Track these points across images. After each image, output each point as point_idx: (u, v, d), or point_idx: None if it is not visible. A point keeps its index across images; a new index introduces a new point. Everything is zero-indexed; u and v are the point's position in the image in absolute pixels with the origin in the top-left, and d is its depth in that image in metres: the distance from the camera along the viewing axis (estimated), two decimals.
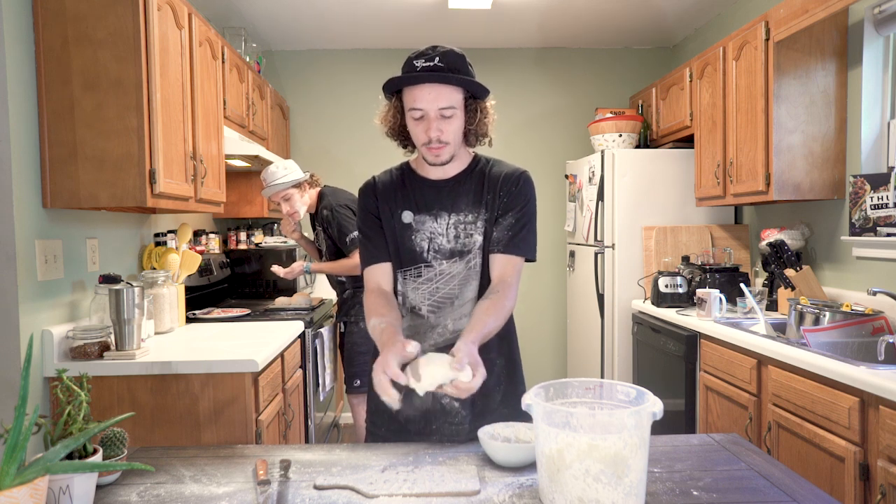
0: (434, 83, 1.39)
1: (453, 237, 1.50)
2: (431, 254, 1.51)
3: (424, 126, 1.42)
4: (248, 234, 4.01)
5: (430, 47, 1.43)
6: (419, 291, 1.53)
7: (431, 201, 1.52)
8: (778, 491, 1.12)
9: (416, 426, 1.53)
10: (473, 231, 1.50)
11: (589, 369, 3.94)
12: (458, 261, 1.51)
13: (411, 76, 1.41)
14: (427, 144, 1.43)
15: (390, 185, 1.56)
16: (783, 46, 2.65)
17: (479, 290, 1.53)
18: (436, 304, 1.53)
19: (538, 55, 4.48)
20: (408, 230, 1.52)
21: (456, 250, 1.50)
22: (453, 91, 1.41)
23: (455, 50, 1.43)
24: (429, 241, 1.51)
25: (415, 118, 1.43)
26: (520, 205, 1.52)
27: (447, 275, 1.51)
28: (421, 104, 1.41)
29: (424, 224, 1.51)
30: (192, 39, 2.44)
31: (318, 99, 4.43)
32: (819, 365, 1.93)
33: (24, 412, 0.93)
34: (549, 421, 1.05)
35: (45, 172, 2.00)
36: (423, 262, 1.52)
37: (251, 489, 1.15)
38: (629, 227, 3.57)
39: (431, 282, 1.52)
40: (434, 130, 1.41)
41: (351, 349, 3.03)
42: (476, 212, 1.51)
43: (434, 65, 1.40)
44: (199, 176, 2.46)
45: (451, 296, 1.52)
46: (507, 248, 1.49)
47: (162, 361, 2.01)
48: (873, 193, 2.45)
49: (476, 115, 1.47)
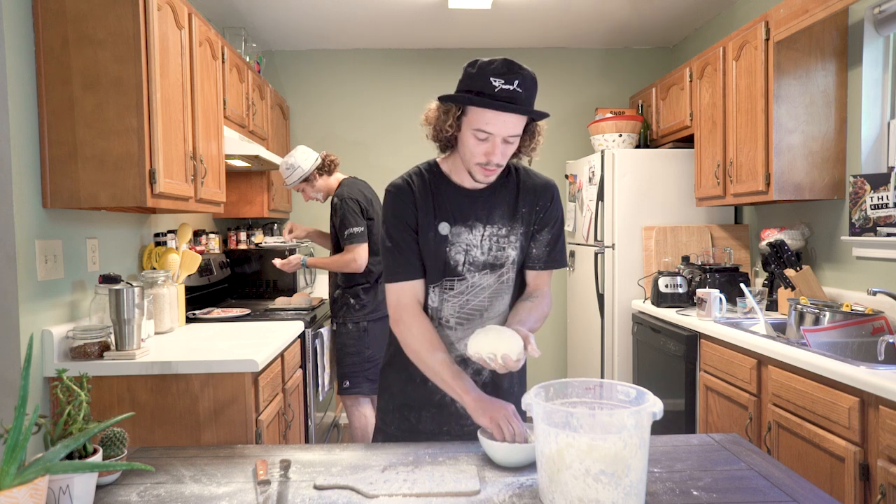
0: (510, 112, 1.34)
1: (487, 250, 1.48)
2: (466, 266, 1.48)
3: (487, 149, 1.37)
4: (248, 234, 4.01)
5: (505, 63, 1.34)
6: (449, 304, 1.50)
7: (467, 212, 1.47)
8: (778, 491, 1.12)
9: (427, 426, 1.53)
10: (507, 245, 1.49)
11: (589, 369, 3.94)
12: (490, 273, 1.49)
13: (492, 103, 1.33)
14: (484, 165, 1.39)
15: (425, 191, 1.48)
16: (783, 46, 2.65)
17: (510, 304, 1.54)
18: (465, 316, 1.51)
19: (538, 55, 4.48)
20: (444, 242, 1.46)
21: (489, 263, 1.49)
22: (522, 119, 1.38)
23: (532, 74, 1.37)
24: (465, 253, 1.47)
25: (479, 138, 1.37)
26: (553, 220, 1.54)
27: (478, 287, 1.49)
28: (492, 129, 1.35)
29: (461, 236, 1.47)
30: (192, 39, 2.44)
31: (318, 99, 4.44)
32: (819, 365, 1.93)
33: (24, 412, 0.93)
34: (549, 421, 1.05)
35: (45, 172, 2.00)
36: (457, 276, 1.48)
37: (251, 489, 1.15)
38: (629, 227, 3.57)
39: (462, 294, 1.49)
40: (498, 156, 1.38)
41: (340, 350, 3.03)
42: (510, 225, 1.49)
43: (513, 89, 1.32)
44: (199, 176, 2.46)
45: (480, 308, 1.51)
46: (546, 265, 1.54)
47: (162, 361, 2.01)
48: (873, 193, 2.45)
49: (533, 139, 1.45)
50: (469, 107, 1.37)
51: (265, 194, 3.73)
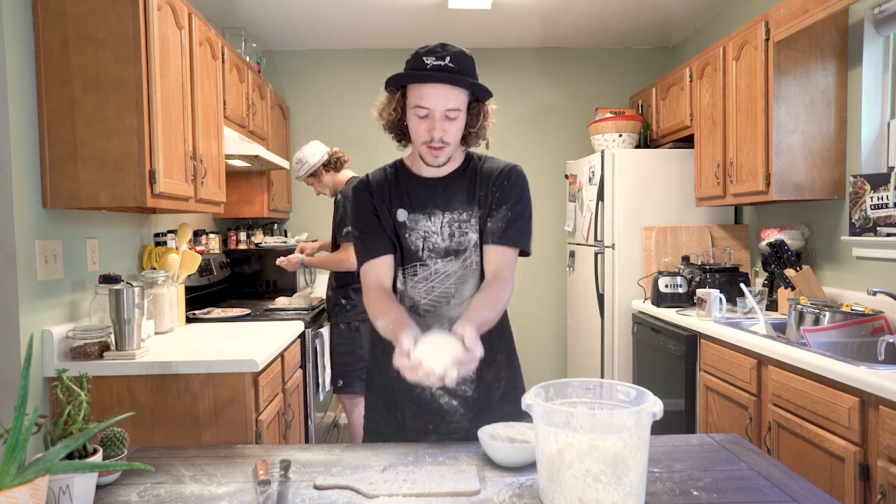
0: (443, 84, 1.38)
1: (448, 235, 1.50)
2: (426, 252, 1.51)
3: (428, 125, 1.41)
4: (248, 234, 4.01)
5: (439, 44, 1.41)
6: (416, 290, 1.53)
7: (425, 199, 1.51)
8: (778, 491, 1.12)
9: (414, 424, 1.53)
10: (468, 229, 1.50)
11: (589, 369, 3.94)
12: (454, 259, 1.51)
13: (422, 74, 1.38)
14: (428, 143, 1.42)
15: (384, 182, 1.55)
16: (783, 46, 2.65)
17: (477, 287, 1.53)
18: (432, 302, 1.53)
19: (538, 55, 4.48)
20: (403, 228, 1.51)
21: (451, 249, 1.50)
22: (460, 93, 1.41)
23: (465, 51, 1.42)
24: (423, 239, 1.50)
25: (419, 116, 1.41)
26: (513, 198, 1.50)
27: (442, 273, 1.51)
28: (428, 103, 1.39)
29: (418, 223, 1.51)
30: (192, 39, 2.44)
31: (318, 99, 4.44)
32: (819, 365, 1.93)
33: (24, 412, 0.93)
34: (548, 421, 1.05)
35: (45, 172, 2.00)
36: (419, 261, 1.51)
37: (251, 489, 1.15)
38: (629, 227, 3.57)
39: (427, 280, 1.52)
40: (438, 130, 1.40)
41: (334, 350, 3.05)
42: (469, 210, 1.50)
43: (445, 64, 1.37)
44: (199, 176, 2.46)
45: (447, 294, 1.52)
46: (500, 239, 1.48)
47: (162, 361, 2.01)
48: (873, 193, 2.45)
49: (478, 118, 1.47)
50: (409, 88, 1.42)
51: (265, 194, 3.73)
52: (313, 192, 3.30)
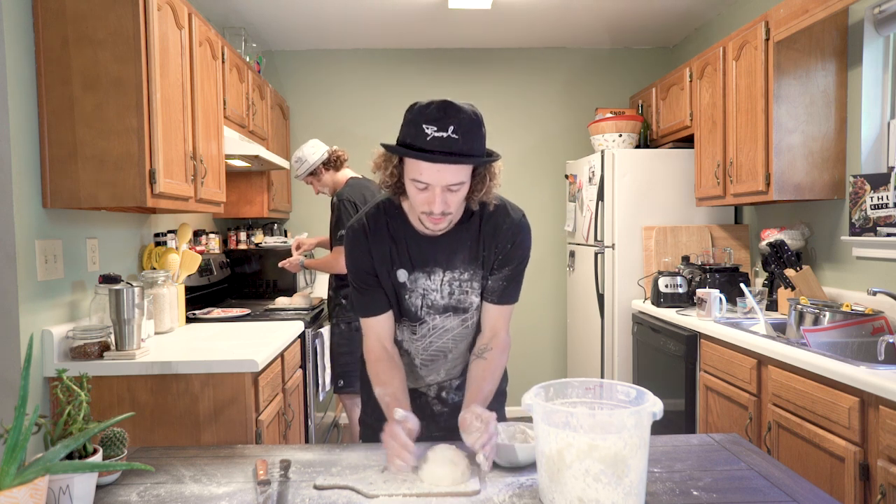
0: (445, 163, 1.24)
1: (447, 294, 1.46)
2: (425, 310, 1.48)
3: (428, 198, 1.29)
4: (248, 234, 4.00)
5: (441, 108, 1.23)
6: (413, 345, 1.53)
7: (426, 257, 1.43)
8: (778, 491, 1.12)
9: None
10: (469, 290, 1.46)
11: (589, 369, 3.94)
12: (453, 316, 1.49)
13: (420, 154, 1.23)
14: (429, 215, 1.31)
15: (382, 236, 1.43)
16: (783, 46, 2.65)
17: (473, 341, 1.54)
18: (429, 357, 1.53)
19: (538, 55, 4.48)
20: (402, 289, 1.46)
21: (450, 306, 1.47)
22: (462, 167, 1.27)
23: (471, 114, 1.25)
24: (422, 297, 1.46)
25: (418, 188, 1.28)
26: (516, 261, 1.46)
27: (440, 329, 1.50)
28: (427, 179, 1.26)
29: (418, 282, 1.45)
30: (192, 39, 2.44)
31: (318, 99, 4.43)
32: (819, 365, 1.93)
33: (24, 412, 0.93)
34: (549, 421, 1.05)
35: (45, 172, 2.00)
36: (417, 320, 1.49)
37: (251, 489, 1.15)
38: (629, 227, 3.57)
39: (425, 337, 1.51)
40: (439, 205, 1.28)
41: (334, 350, 3.05)
42: (472, 269, 1.45)
43: (447, 136, 1.22)
44: (199, 176, 2.46)
45: (444, 349, 1.52)
46: (500, 299, 1.48)
47: (162, 361, 2.01)
48: (873, 193, 2.45)
49: (485, 183, 1.35)
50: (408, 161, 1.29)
51: (265, 194, 3.73)
52: (313, 192, 3.30)
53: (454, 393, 1.59)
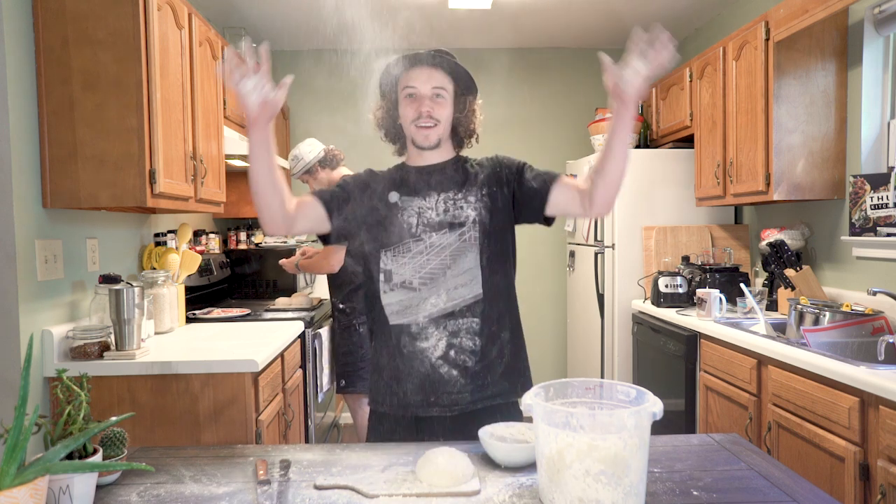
0: (429, 66, 1.53)
1: (443, 210, 1.54)
2: (420, 227, 1.53)
3: (416, 104, 1.52)
4: (248, 234, 4.01)
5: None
6: (408, 267, 1.53)
7: (420, 185, 1.57)
8: (778, 491, 1.12)
9: (414, 398, 1.54)
10: (464, 205, 1.54)
11: (589, 369, 3.94)
12: (449, 232, 1.52)
13: (408, 56, 1.54)
14: (417, 121, 1.52)
15: (377, 174, 1.63)
16: (783, 46, 2.65)
17: (479, 261, 1.52)
18: (427, 276, 1.52)
19: (538, 55, 4.48)
20: (394, 209, 1.55)
21: (445, 222, 1.52)
22: (445, 77, 1.54)
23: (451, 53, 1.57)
24: (417, 215, 1.54)
25: (408, 96, 1.53)
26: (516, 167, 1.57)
27: (437, 246, 1.52)
28: (414, 83, 1.52)
29: (412, 202, 1.55)
30: (192, 39, 2.44)
31: (318, 99, 4.43)
32: (819, 365, 1.93)
33: (24, 412, 0.93)
34: (549, 421, 1.05)
35: (45, 172, 2.00)
36: (412, 237, 1.53)
37: (251, 489, 1.15)
38: (629, 227, 3.57)
39: (421, 255, 1.52)
40: (426, 106, 1.51)
41: (335, 350, 3.05)
42: (465, 189, 1.55)
43: (433, 53, 1.54)
44: (199, 176, 2.46)
45: (442, 266, 1.52)
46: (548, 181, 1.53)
47: (162, 361, 2.01)
48: (873, 193, 2.45)
49: (465, 108, 1.58)
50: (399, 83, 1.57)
51: None
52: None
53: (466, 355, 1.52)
